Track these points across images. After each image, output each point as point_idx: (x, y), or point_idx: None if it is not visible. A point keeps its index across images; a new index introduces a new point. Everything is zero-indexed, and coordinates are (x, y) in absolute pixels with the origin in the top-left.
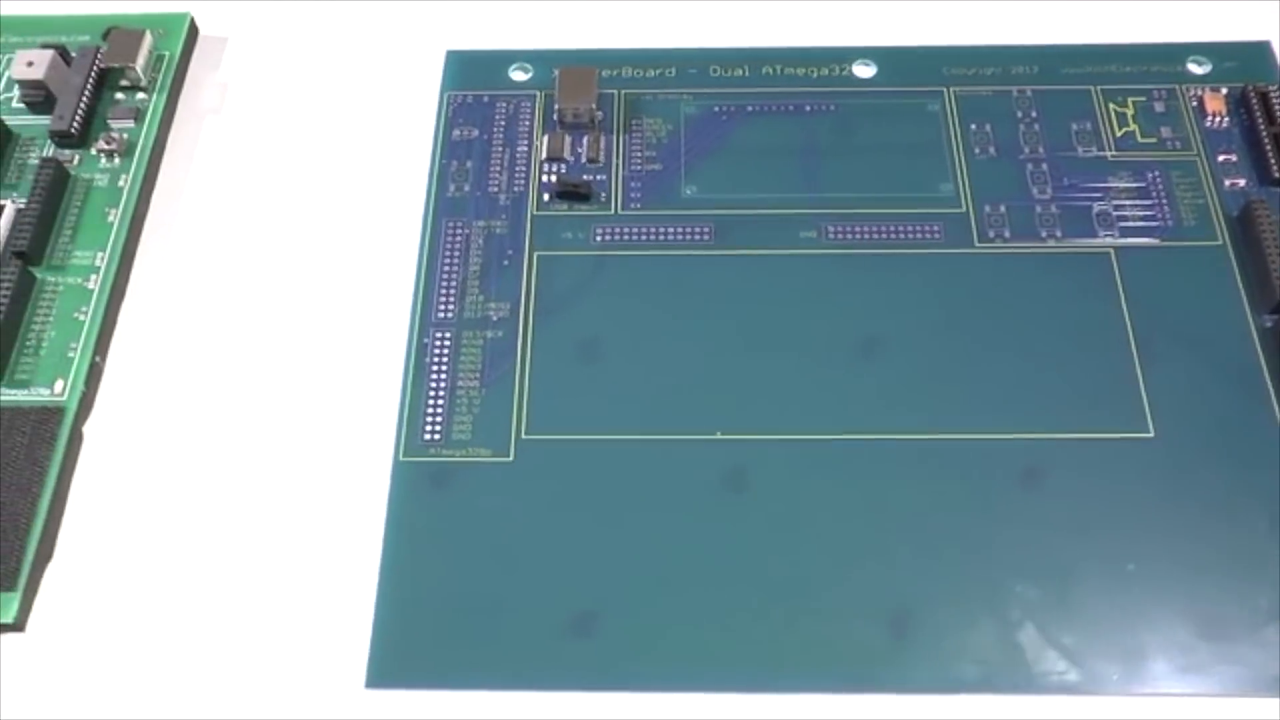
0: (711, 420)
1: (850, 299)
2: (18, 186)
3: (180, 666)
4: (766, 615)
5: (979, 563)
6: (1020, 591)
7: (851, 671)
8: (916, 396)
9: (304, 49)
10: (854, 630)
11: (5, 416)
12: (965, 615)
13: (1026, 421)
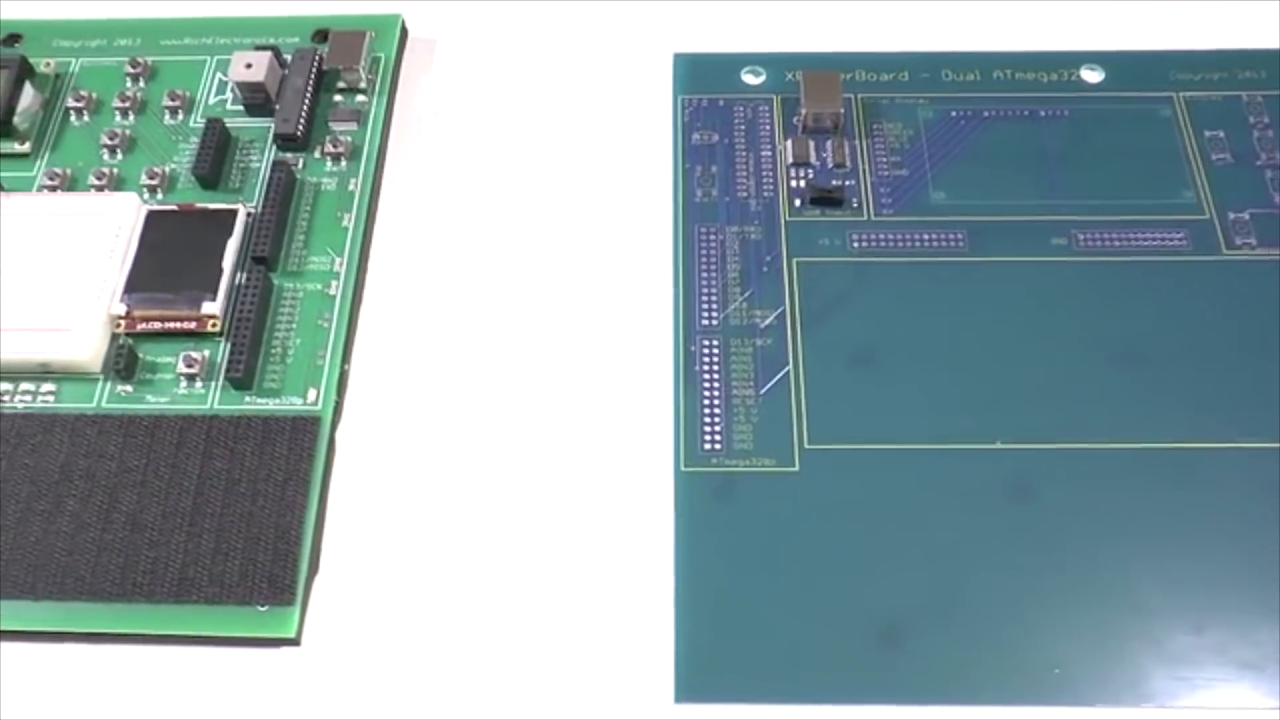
0: (988, 428)
1: (1104, 306)
2: (242, 190)
3: (465, 681)
4: (1067, 626)
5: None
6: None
7: (1162, 687)
8: (1178, 404)
9: (516, 50)
10: (1162, 639)
11: (259, 426)
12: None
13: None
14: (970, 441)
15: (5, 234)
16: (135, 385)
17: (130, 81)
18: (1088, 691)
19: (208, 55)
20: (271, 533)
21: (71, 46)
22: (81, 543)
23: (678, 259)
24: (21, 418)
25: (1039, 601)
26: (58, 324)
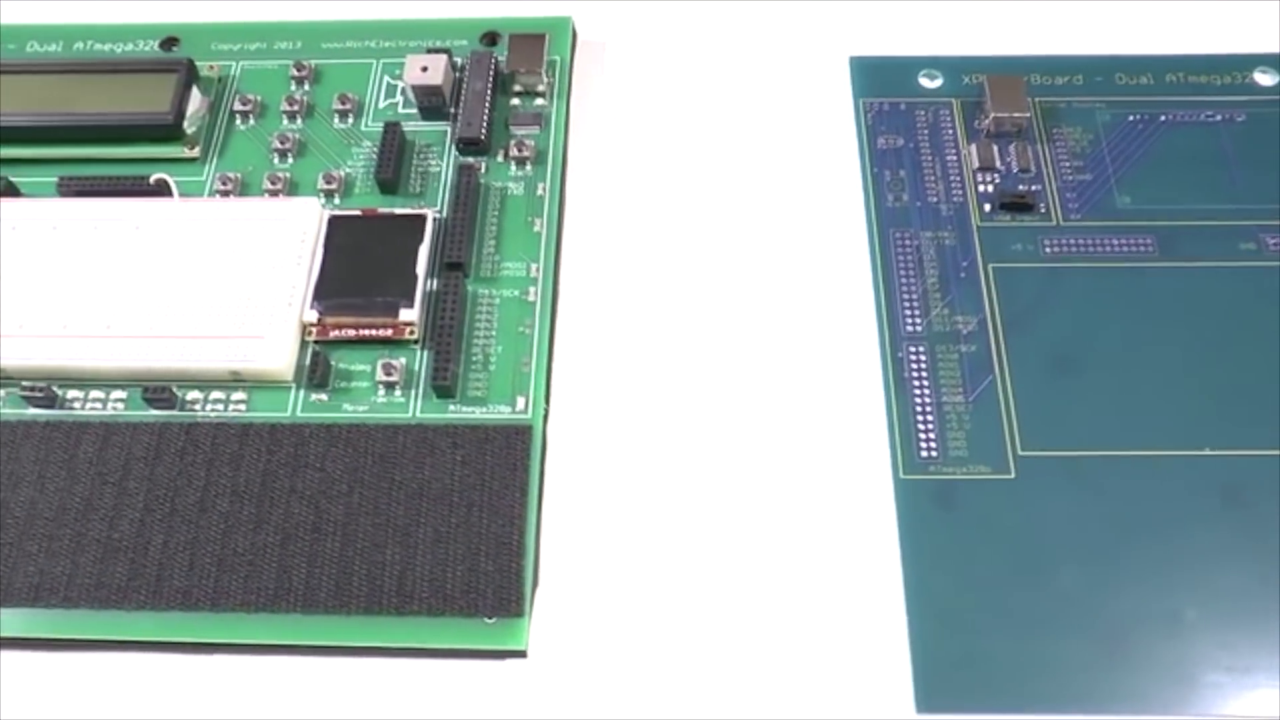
0: (1194, 434)
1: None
2: (424, 195)
3: (697, 692)
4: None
5: None
6: None
7: None
8: None
9: (687, 52)
10: None
11: (469, 435)
12: None
13: None
14: (1179, 448)
15: (186, 239)
16: (330, 394)
17: (295, 85)
18: None
19: (374, 58)
20: (493, 543)
21: (231, 50)
22: (292, 555)
23: (876, 265)
24: (215, 426)
25: (1263, 609)
26: (250, 332)
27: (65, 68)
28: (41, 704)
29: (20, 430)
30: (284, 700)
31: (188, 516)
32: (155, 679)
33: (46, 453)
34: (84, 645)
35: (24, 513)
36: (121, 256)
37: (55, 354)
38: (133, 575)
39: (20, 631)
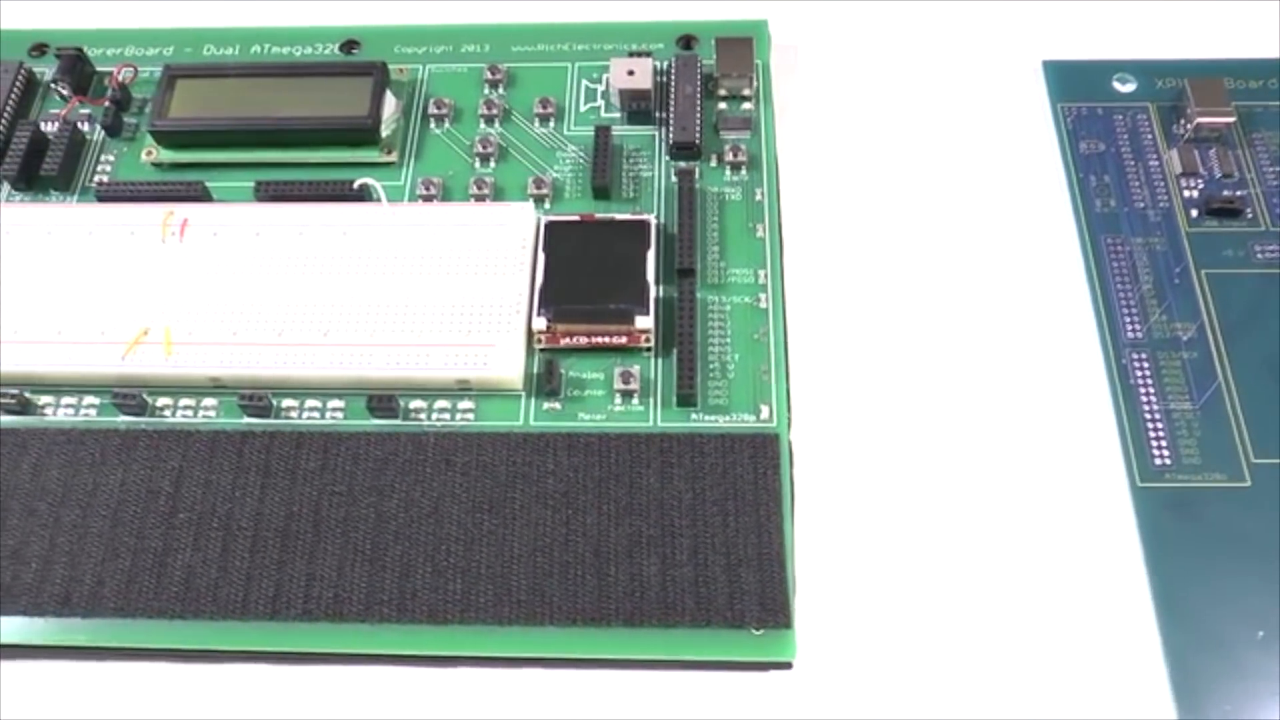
0: None
1: None
2: (638, 200)
3: (959, 699)
4: None
5: None
6: None
7: None
8: None
9: (878, 55)
10: None
11: (717, 444)
12: None
13: None
14: None
15: (397, 244)
16: (563, 402)
17: (489, 88)
18: None
19: (568, 61)
20: (754, 554)
21: (416, 53)
22: (543, 566)
23: (1090, 271)
24: (446, 436)
25: None
26: (479, 339)
27: (257, 71)
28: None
29: (239, 440)
30: (542, 714)
31: (425, 527)
32: (410, 693)
33: (267, 462)
34: (330, 659)
35: (249, 524)
36: (330, 262)
37: (272, 362)
38: (372, 587)
39: (272, 645)
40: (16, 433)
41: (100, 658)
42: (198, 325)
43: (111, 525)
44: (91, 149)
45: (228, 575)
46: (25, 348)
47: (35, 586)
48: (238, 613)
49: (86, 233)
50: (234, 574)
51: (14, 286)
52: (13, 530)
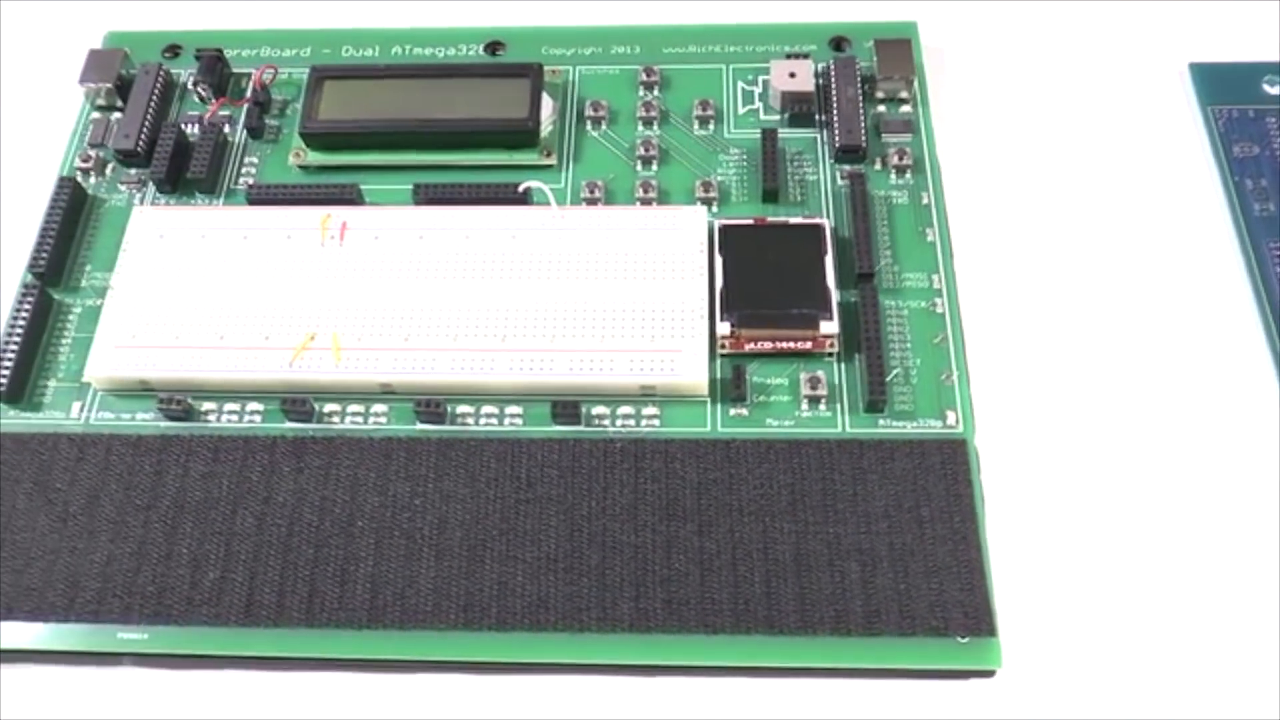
0: None
1: None
2: (805, 203)
3: (1169, 704)
4: None
5: None
6: None
7: None
8: None
9: (1023, 58)
10: None
11: (903, 451)
12: None
13: None
14: None
15: (569, 248)
16: (750, 408)
17: (644, 90)
18: None
19: (722, 64)
20: (952, 560)
21: (564, 55)
22: (744, 574)
23: (1254, 274)
24: (634, 442)
25: None
26: (664, 345)
27: (407, 73)
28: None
29: (417, 447)
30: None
31: (622, 536)
32: (612, 702)
33: (447, 469)
34: (529, 669)
35: (432, 532)
36: (500, 266)
37: (448, 368)
38: (571, 595)
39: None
40: (183, 439)
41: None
42: (366, 330)
43: (288, 534)
44: (234, 151)
45: (415, 585)
46: (187, 353)
47: (214, 596)
48: (427, 622)
49: (241, 236)
50: (422, 584)
51: (171, 291)
52: (186, 538)
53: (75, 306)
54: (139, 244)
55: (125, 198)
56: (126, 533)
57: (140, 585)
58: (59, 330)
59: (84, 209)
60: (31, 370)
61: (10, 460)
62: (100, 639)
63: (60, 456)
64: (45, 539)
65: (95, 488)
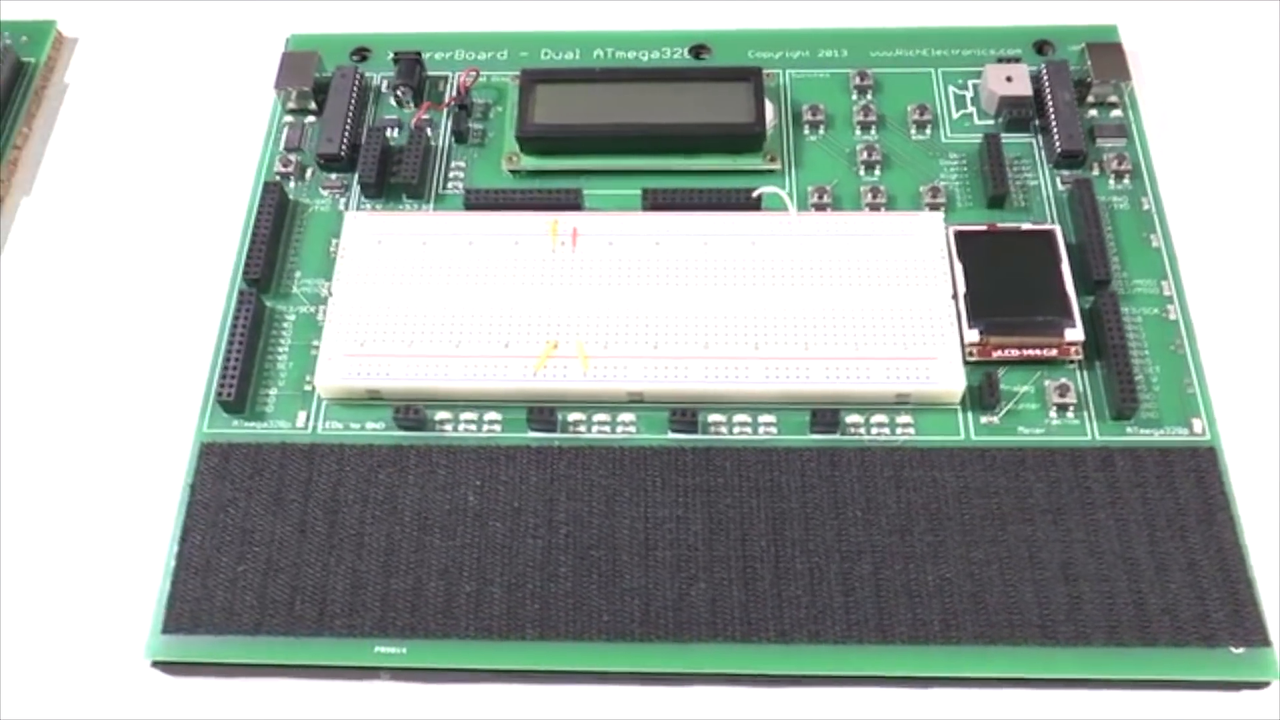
0: None
1: None
2: (1029, 209)
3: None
4: None
5: None
6: None
7: None
8: None
9: (1217, 57)
10: None
11: (1153, 459)
12: None
13: None
14: None
15: (808, 254)
16: (1000, 416)
17: (858, 94)
18: None
19: (931, 67)
20: (1216, 569)
21: (770, 58)
22: (1013, 584)
23: None
24: (895, 451)
25: None
26: (919, 353)
27: (621, 76)
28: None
29: (673, 457)
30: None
31: (887, 544)
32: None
33: (705, 479)
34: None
35: (700, 543)
36: (740, 273)
37: (701, 376)
38: (847, 607)
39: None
40: (422, 450)
41: (550, 681)
42: (612, 338)
43: (546, 545)
44: (438, 155)
45: (688, 598)
46: (422, 362)
47: (473, 609)
48: (704, 635)
49: (466, 242)
50: (695, 597)
51: (395, 297)
52: (435, 550)
53: (289, 314)
54: (356, 250)
55: (328, 202)
56: (371, 545)
57: (393, 599)
58: (274, 338)
59: (286, 214)
60: (251, 379)
61: (240, 471)
62: (356, 653)
63: (292, 467)
64: (285, 552)
65: (333, 499)
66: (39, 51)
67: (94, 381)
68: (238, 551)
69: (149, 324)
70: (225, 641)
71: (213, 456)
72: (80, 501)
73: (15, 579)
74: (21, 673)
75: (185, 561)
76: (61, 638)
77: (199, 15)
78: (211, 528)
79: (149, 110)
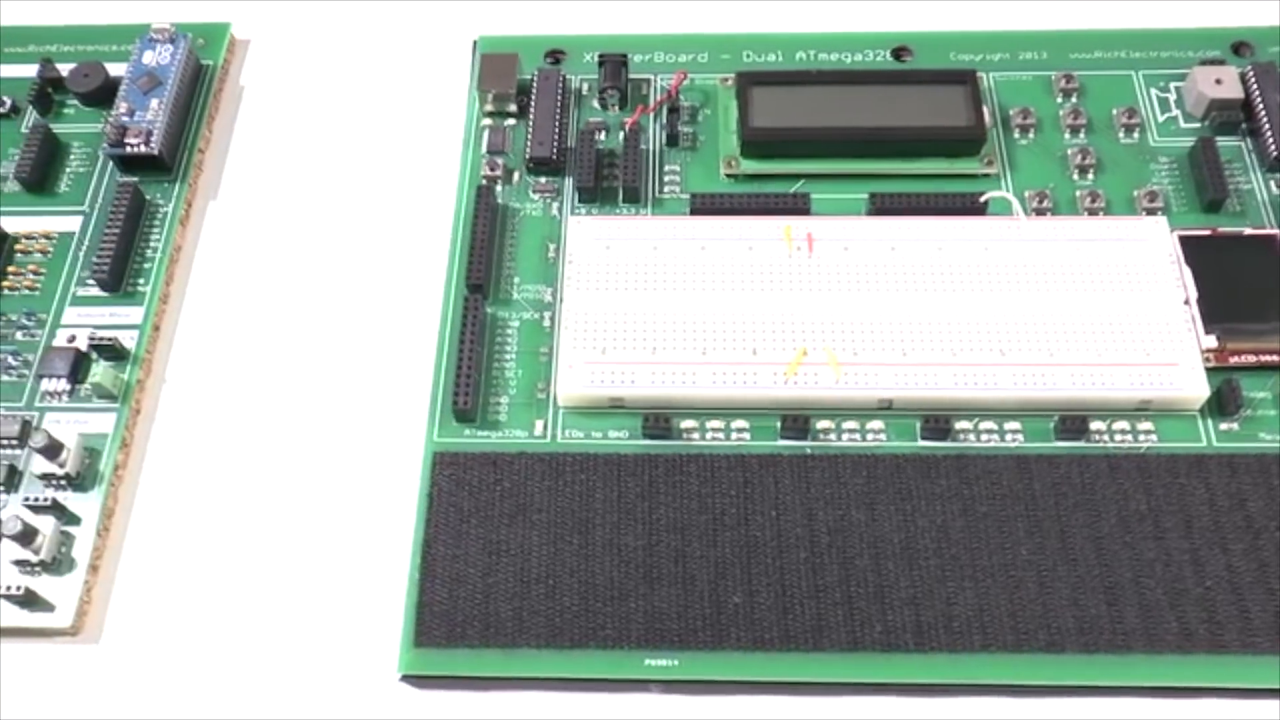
0: None
1: None
2: (1245, 214)
3: None
4: None
5: None
6: None
7: None
8: None
9: None
10: None
11: None
12: None
13: None
14: None
15: (1037, 259)
16: (1240, 422)
17: (1063, 97)
18: None
19: (1131, 70)
20: None
21: (970, 60)
22: (1276, 591)
23: None
24: (1136, 458)
25: None
26: (1161, 359)
27: (836, 79)
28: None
29: (928, 464)
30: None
31: (1143, 551)
32: None
33: (960, 485)
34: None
35: (963, 552)
36: (976, 278)
37: (950, 383)
38: (1114, 617)
39: None
40: (671, 458)
41: (821, 693)
42: (861, 344)
43: (809, 555)
44: (651, 159)
45: (955, 606)
46: (667, 369)
47: (742, 621)
48: (974, 645)
49: (699, 247)
50: (961, 605)
51: (629, 303)
52: (698, 560)
53: (512, 320)
54: (584, 255)
55: (540, 206)
56: (629, 555)
57: (660, 610)
58: (499, 345)
59: (497, 218)
60: (481, 388)
61: (479, 480)
62: (625, 665)
63: (534, 476)
64: (539, 563)
65: (584, 509)
66: (215, 54)
67: (311, 392)
68: (486, 563)
69: (360, 332)
70: (481, 654)
71: (447, 466)
72: (312, 514)
73: (262, 594)
74: (272, 689)
75: (430, 574)
76: (303, 651)
77: (363, 16)
78: (455, 538)
79: (327, 112)
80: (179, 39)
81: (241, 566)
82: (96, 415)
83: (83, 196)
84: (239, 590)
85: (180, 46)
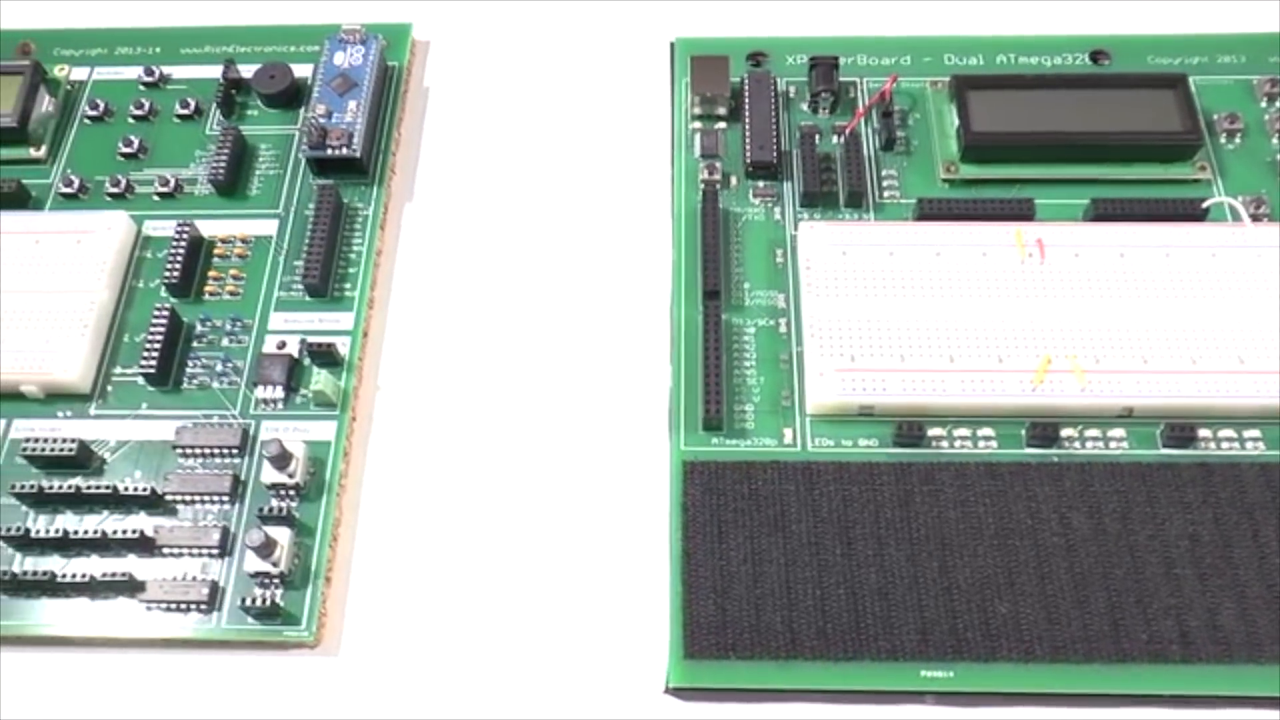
0: None
1: None
2: None
3: None
4: None
5: None
6: None
7: None
8: None
9: None
10: None
11: None
12: None
13: None
14: None
15: (1265, 268)
16: None
17: (1268, 101)
18: None
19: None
20: None
21: (1170, 63)
22: None
23: None
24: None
25: None
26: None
27: (1049, 82)
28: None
29: (1173, 474)
30: None
31: None
32: None
33: (1200, 495)
34: None
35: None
36: (1201, 285)
37: (1192, 390)
38: None
39: None
40: (924, 467)
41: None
42: (1101, 351)
43: (1068, 562)
44: (868, 163)
45: (1218, 619)
46: (917, 377)
47: (1010, 630)
48: (1237, 656)
49: (934, 253)
50: (1225, 618)
51: (870, 310)
52: (960, 569)
53: (747, 326)
54: (821, 262)
55: (761, 211)
56: (892, 566)
57: (931, 621)
58: (738, 352)
59: (719, 223)
60: (725, 397)
61: (732, 489)
62: (900, 677)
63: (789, 485)
64: (803, 573)
65: (842, 518)
66: (400, 55)
67: (531, 399)
68: (750, 573)
69: (578, 336)
70: (755, 666)
71: (698, 475)
72: (548, 522)
73: (504, 606)
74: (526, 701)
75: (694, 585)
76: (552, 663)
77: (535, 16)
78: (715, 549)
79: (515, 113)
80: (370, 40)
81: (477, 577)
82: (315, 424)
83: (276, 199)
84: (478, 602)
85: (372, 48)
